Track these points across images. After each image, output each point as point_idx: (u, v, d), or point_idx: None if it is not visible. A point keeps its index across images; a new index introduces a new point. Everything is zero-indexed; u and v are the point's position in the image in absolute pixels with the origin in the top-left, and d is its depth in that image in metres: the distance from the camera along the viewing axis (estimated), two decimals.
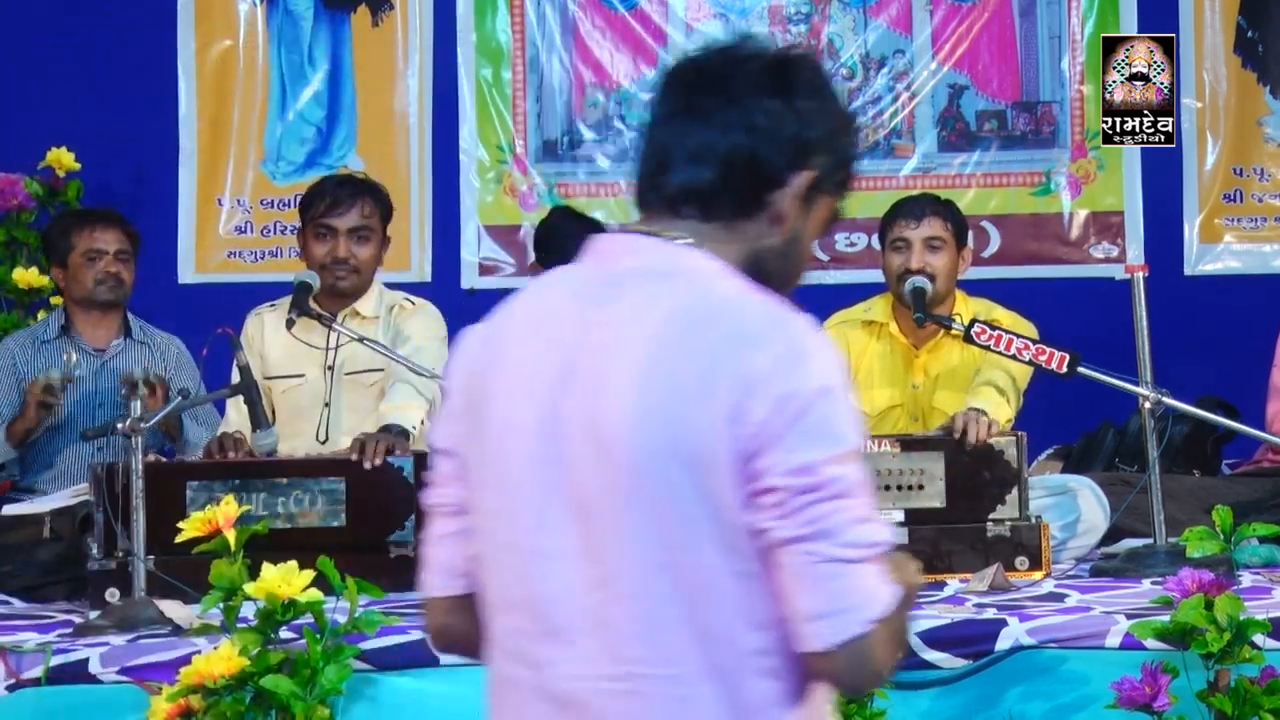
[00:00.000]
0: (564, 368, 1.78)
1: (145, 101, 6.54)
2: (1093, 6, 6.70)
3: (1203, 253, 6.72)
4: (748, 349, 1.68)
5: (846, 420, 1.69)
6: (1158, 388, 4.23)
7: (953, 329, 4.57)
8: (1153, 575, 4.03)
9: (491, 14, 6.69)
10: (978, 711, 3.51)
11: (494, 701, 1.96)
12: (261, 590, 3.23)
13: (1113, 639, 3.54)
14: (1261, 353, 5.00)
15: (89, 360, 5.32)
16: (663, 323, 1.73)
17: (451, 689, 3.48)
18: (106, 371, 5.29)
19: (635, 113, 6.70)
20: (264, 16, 6.67)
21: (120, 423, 3.90)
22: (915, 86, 6.74)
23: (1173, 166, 6.69)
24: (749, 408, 1.65)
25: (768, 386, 1.65)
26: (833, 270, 6.58)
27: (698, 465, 1.67)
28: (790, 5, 6.75)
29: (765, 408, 1.65)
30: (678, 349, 1.71)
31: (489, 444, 1.83)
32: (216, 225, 6.62)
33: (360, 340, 4.68)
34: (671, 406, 1.69)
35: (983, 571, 4.09)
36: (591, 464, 1.73)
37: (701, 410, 1.67)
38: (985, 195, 6.63)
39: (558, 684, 1.79)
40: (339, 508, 4.19)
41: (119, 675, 3.47)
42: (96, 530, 4.09)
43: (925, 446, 4.30)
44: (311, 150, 6.66)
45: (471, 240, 6.67)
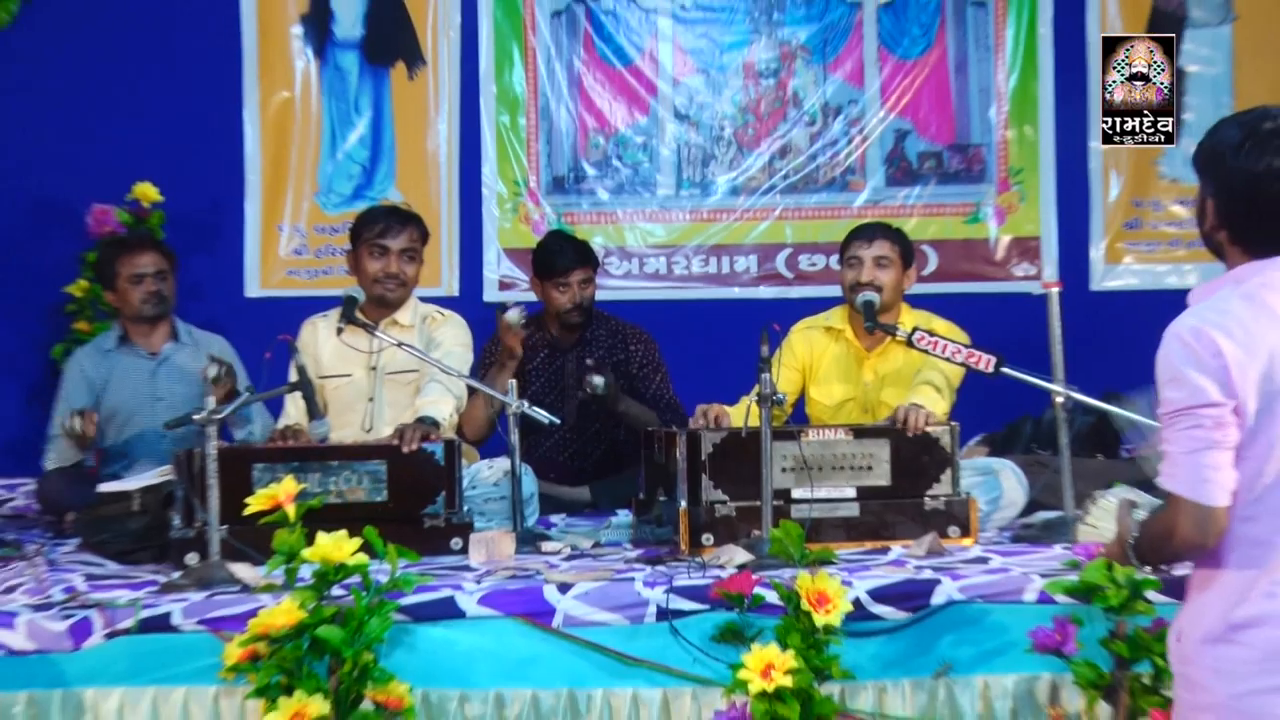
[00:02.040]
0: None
1: (217, 143, 6.51)
2: (1015, 65, 6.70)
3: (1106, 272, 6.72)
4: None
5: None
6: (1068, 385, 4.25)
7: (897, 336, 4.57)
8: (1063, 542, 4.07)
9: (509, 69, 6.68)
10: (916, 655, 3.51)
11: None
12: (316, 555, 3.24)
13: (1029, 595, 3.55)
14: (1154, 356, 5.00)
15: (145, 365, 5.33)
16: None
17: (474, 638, 3.50)
18: (161, 371, 5.31)
19: (630, 153, 6.72)
20: (317, 72, 6.65)
21: (196, 415, 3.90)
22: (866, 131, 6.72)
23: (1081, 199, 6.69)
24: None
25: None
26: (796, 286, 6.62)
27: None
28: (761, 62, 6.73)
29: None
30: None
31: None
32: (277, 248, 6.60)
33: (399, 345, 4.69)
34: None
35: (921, 539, 4.10)
36: None
37: None
38: (925, 223, 6.61)
39: None
40: (381, 485, 4.22)
41: (197, 625, 3.48)
42: (178, 504, 4.13)
43: (874, 434, 4.30)
44: (357, 185, 6.65)
45: (492, 261, 6.66)
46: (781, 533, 3.70)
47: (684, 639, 3.49)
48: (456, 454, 4.33)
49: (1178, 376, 2.41)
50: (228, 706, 3.43)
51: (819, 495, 4.18)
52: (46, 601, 3.67)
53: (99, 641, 3.47)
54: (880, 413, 4.82)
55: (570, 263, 5.35)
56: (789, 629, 3.30)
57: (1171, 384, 2.42)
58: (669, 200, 6.74)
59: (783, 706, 3.21)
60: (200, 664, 3.42)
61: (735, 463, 4.15)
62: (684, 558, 4.01)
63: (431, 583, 3.61)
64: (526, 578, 3.78)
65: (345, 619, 3.25)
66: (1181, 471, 2.39)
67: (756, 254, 6.72)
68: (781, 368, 4.93)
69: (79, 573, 4.09)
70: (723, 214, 6.73)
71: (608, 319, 5.54)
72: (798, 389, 5.06)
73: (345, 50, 6.68)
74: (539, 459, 5.06)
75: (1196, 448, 2.37)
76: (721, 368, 4.48)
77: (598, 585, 3.62)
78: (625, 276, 6.66)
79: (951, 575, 3.65)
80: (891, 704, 3.48)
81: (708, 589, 3.53)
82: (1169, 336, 2.44)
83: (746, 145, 6.74)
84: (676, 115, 6.75)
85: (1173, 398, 2.42)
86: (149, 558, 4.20)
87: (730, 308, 6.58)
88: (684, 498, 4.17)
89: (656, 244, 6.73)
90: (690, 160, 6.76)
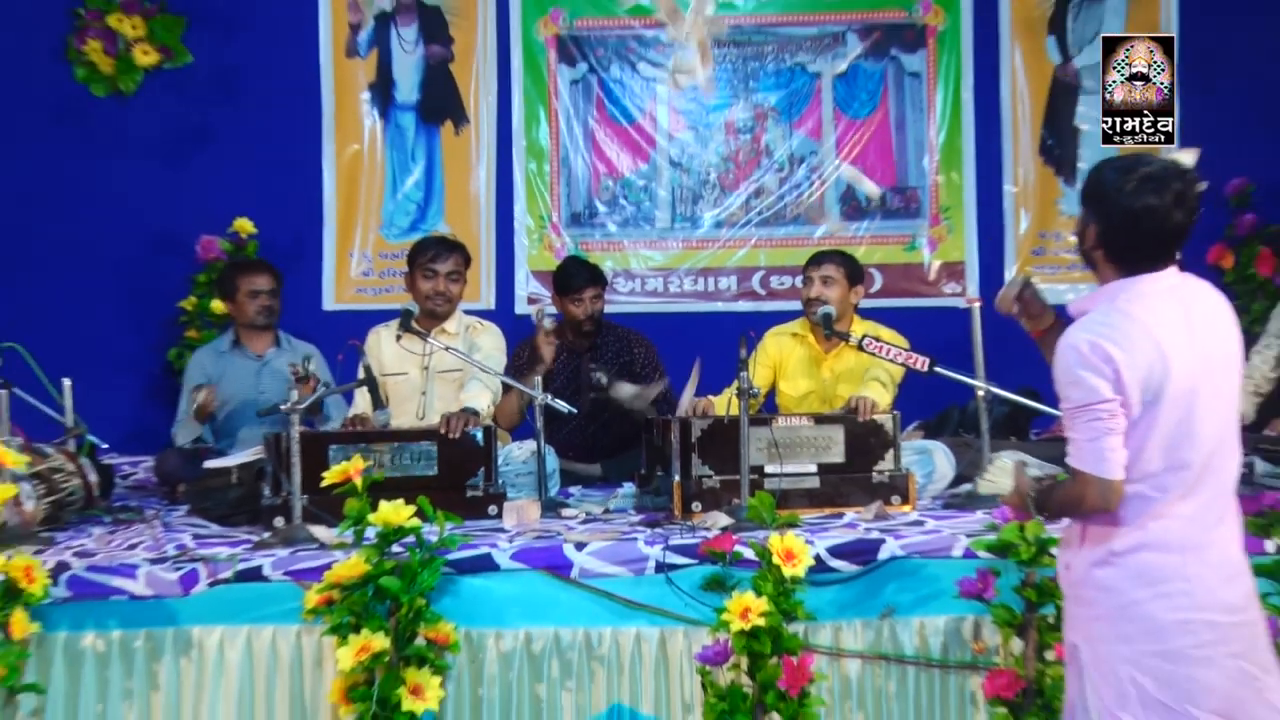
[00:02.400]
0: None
1: (301, 185, 6.51)
2: (943, 123, 6.67)
3: None
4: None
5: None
6: (988, 382, 4.25)
7: (850, 341, 4.58)
8: (984, 508, 4.08)
9: (536, 126, 6.66)
10: (865, 601, 3.52)
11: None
12: (379, 519, 3.26)
13: (957, 551, 3.56)
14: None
15: (252, 364, 5.32)
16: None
17: (507, 587, 3.50)
18: (265, 371, 5.29)
19: (634, 194, 6.72)
20: (381, 129, 6.64)
21: (283, 405, 3.92)
22: (824, 176, 6.69)
23: (997, 231, 6.67)
24: None
25: None
26: (768, 301, 6.61)
27: None
28: (739, 121, 6.71)
29: None
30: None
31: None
32: (349, 270, 6.58)
33: (446, 349, 4.71)
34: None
35: (870, 506, 4.11)
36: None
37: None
38: (871, 250, 6.58)
39: None
40: (432, 463, 4.22)
41: (283, 576, 3.49)
42: (269, 478, 4.14)
43: (831, 421, 4.30)
44: (413, 219, 6.63)
45: (522, 280, 6.65)
46: (756, 501, 3.72)
47: (677, 588, 3.50)
48: (493, 437, 4.34)
49: (1077, 380, 2.48)
50: (308, 642, 3.45)
51: (787, 471, 4.18)
52: (162, 556, 3.68)
53: (204, 589, 3.49)
54: (836, 403, 4.81)
55: (585, 282, 5.36)
56: (763, 579, 3.31)
57: (1072, 385, 2.49)
58: (665, 232, 6.75)
59: (757, 643, 3.22)
60: (285, 607, 3.44)
61: (719, 444, 4.15)
62: (677, 521, 4.01)
63: (472, 541, 3.63)
64: (549, 538, 3.78)
65: (402, 571, 3.27)
66: (1086, 454, 2.49)
67: (736, 275, 6.72)
68: (756, 366, 4.96)
69: (188, 533, 4.11)
70: (709, 243, 6.73)
71: (615, 328, 5.54)
72: (769, 384, 5.06)
73: (404, 112, 6.67)
74: (559, 441, 5.06)
75: (1096, 435, 2.47)
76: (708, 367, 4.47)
77: (607, 544, 3.63)
78: (629, 294, 6.67)
79: (894, 535, 3.66)
80: (845, 640, 3.50)
81: (697, 547, 3.55)
82: (1066, 347, 2.50)
83: (728, 187, 6.74)
84: (671, 163, 6.74)
85: (1074, 396, 2.50)
86: (244, 521, 4.21)
87: (714, 319, 6.57)
88: (677, 473, 4.17)
89: (655, 267, 6.73)
90: (682, 199, 6.76)
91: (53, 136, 6.40)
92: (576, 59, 6.69)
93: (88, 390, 4.64)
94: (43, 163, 6.37)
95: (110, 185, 6.40)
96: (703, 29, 3.87)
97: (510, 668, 3.44)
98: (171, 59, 6.48)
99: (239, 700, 3.42)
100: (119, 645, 3.42)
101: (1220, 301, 2.63)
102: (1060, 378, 2.53)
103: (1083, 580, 2.57)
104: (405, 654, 3.25)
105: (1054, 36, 6.71)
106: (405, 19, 6.66)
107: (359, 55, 6.64)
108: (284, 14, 6.54)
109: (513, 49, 6.66)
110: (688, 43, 3.72)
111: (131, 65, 6.44)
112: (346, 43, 6.63)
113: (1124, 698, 2.49)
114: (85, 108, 6.43)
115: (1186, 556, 2.48)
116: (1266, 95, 6.22)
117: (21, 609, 3.16)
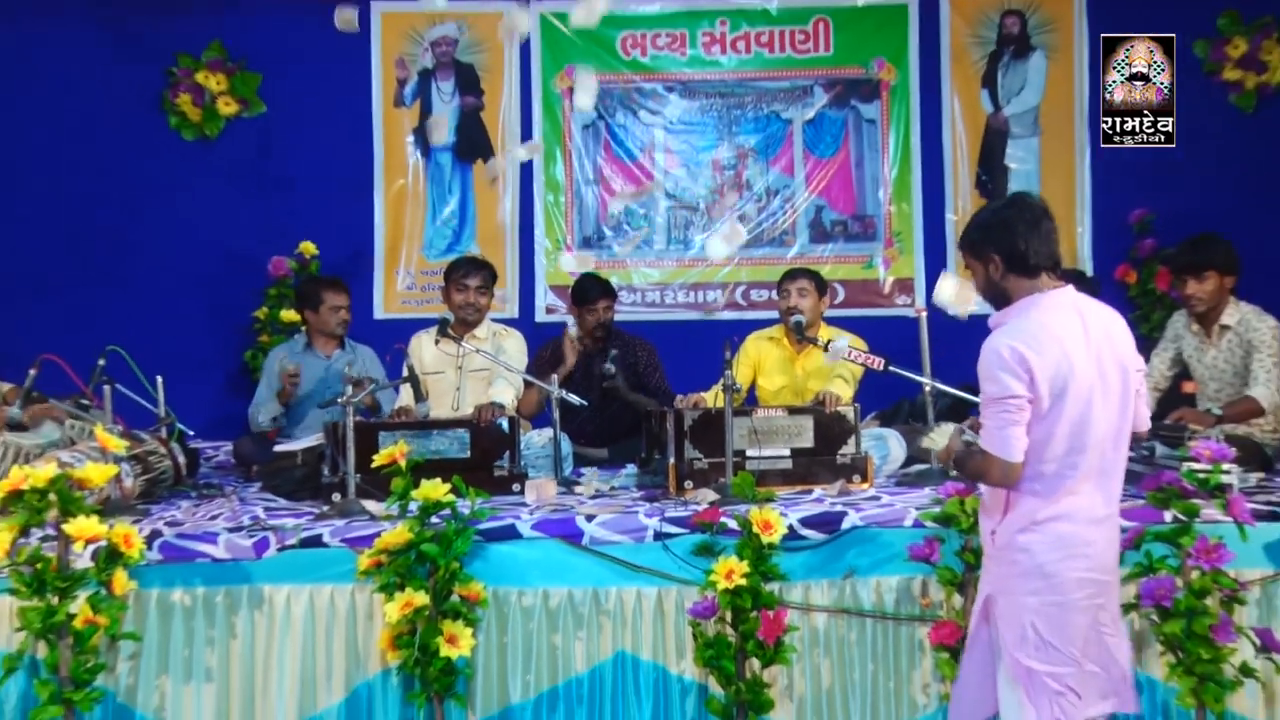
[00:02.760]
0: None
1: (355, 214, 6.49)
2: (895, 162, 6.64)
3: None
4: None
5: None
6: (933, 378, 4.21)
7: (818, 344, 4.55)
8: (930, 485, 4.02)
9: (553, 164, 6.64)
10: (830, 563, 3.48)
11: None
12: (421, 495, 3.23)
13: (908, 521, 3.52)
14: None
15: (321, 363, 5.27)
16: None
17: (528, 552, 3.46)
18: (331, 369, 5.25)
19: (635, 220, 6.70)
20: (423, 166, 6.61)
21: (340, 399, 3.90)
22: (796, 206, 6.67)
23: (941, 253, 6.61)
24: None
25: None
26: (749, 311, 6.57)
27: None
28: (724, 159, 6.68)
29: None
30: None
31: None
32: (396, 285, 6.55)
33: (477, 352, 4.69)
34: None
35: (835, 483, 4.07)
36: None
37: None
38: (835, 268, 6.55)
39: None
40: (465, 447, 4.17)
41: (340, 543, 3.45)
42: (328, 460, 4.10)
43: (802, 412, 4.25)
44: (449, 242, 6.59)
45: (541, 294, 6.61)
46: (739, 480, 3.67)
47: (673, 553, 3.45)
48: (516, 426, 4.29)
49: (995, 377, 2.57)
50: (360, 599, 3.40)
51: (765, 454, 4.13)
52: (238, 525, 3.65)
53: (273, 553, 3.45)
54: (807, 397, 4.76)
55: (597, 294, 5.32)
56: (744, 546, 3.27)
57: (990, 381, 2.58)
58: (662, 253, 6.73)
59: (739, 599, 3.20)
60: (342, 569, 3.40)
61: (707, 432, 4.10)
62: (672, 497, 3.96)
63: (499, 514, 3.59)
64: (564, 511, 3.74)
65: (440, 539, 3.24)
66: (995, 439, 2.58)
67: (722, 289, 6.70)
68: (739, 366, 4.91)
69: (260, 506, 4.06)
70: (698, 262, 6.70)
71: (621, 334, 5.50)
72: (750, 381, 5.01)
73: (442, 152, 6.64)
74: (573, 429, 5.01)
75: (1004, 425, 2.57)
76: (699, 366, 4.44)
77: (613, 516, 3.58)
78: (632, 305, 6.64)
79: (855, 508, 3.63)
80: (814, 597, 3.46)
81: (689, 519, 3.50)
82: (989, 350, 2.59)
83: (714, 215, 6.73)
84: (667, 195, 6.73)
85: (991, 391, 2.59)
86: (308, 496, 4.18)
87: (704, 326, 6.54)
88: (673, 456, 4.12)
89: (653, 282, 6.70)
90: (676, 225, 6.75)
91: (150, 173, 6.42)
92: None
93: (177, 385, 4.61)
94: (141, 195, 6.40)
95: (196, 214, 6.42)
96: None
97: (531, 620, 3.40)
98: (248, 109, 6.51)
99: (303, 647, 3.39)
100: (202, 600, 3.39)
101: (1111, 315, 2.69)
102: (982, 374, 2.58)
103: (1008, 544, 2.62)
104: (442, 609, 3.22)
105: (986, 90, 6.72)
106: (444, 75, 6.66)
107: (405, 105, 6.64)
108: (342, 71, 6.55)
109: (534, 99, 6.66)
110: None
111: (215, 114, 6.48)
112: (394, 95, 6.64)
113: (1023, 640, 2.59)
114: (177, 149, 6.47)
115: (1091, 527, 2.59)
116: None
117: (121, 569, 3.13)
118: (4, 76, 6.33)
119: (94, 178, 6.36)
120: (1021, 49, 6.67)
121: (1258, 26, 6.44)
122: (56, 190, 6.35)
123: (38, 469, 3.05)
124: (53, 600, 3.02)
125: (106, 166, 6.36)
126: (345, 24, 4.35)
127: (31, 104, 6.34)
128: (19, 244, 6.28)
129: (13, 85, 6.33)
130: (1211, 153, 6.29)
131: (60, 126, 6.35)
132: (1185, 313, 4.48)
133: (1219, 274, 4.25)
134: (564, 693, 3.38)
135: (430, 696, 3.21)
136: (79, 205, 6.35)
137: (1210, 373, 4.40)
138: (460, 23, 6.65)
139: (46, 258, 6.29)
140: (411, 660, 3.17)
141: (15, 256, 6.25)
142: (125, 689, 3.33)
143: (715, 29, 6.69)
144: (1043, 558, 2.56)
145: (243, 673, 3.37)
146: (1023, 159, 6.71)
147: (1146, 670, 3.30)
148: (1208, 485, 3.16)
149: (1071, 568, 2.56)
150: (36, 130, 6.35)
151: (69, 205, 6.35)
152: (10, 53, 6.34)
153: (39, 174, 6.36)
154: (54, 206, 6.34)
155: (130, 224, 6.37)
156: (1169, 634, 3.10)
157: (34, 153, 6.35)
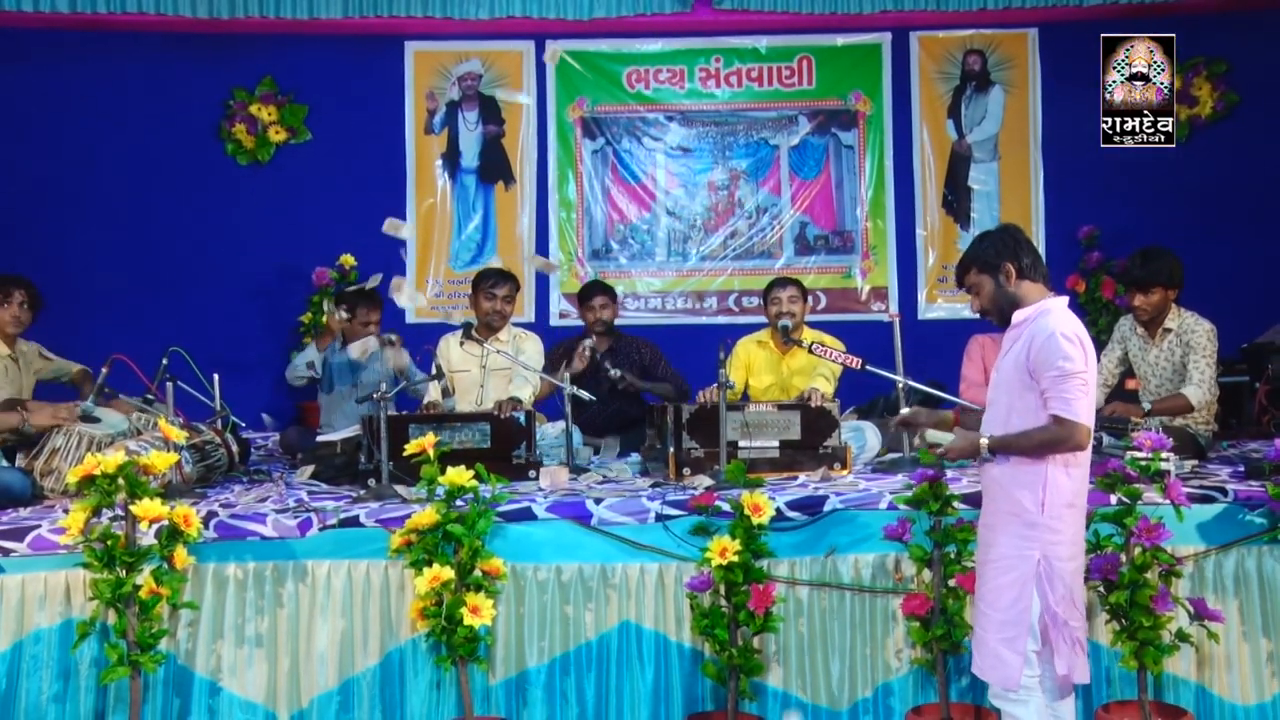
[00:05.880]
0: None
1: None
2: (871, 183, 6.66)
3: (927, 308, 6.64)
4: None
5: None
6: (906, 376, 4.18)
7: (802, 346, 4.54)
8: (903, 471, 4.02)
9: (566, 185, 6.65)
10: (814, 542, 3.46)
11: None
12: (447, 480, 3.20)
13: (883, 504, 3.50)
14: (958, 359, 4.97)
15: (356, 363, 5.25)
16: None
17: (543, 532, 3.44)
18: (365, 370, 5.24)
19: (639, 236, 6.71)
20: (450, 186, 6.63)
21: (375, 394, 3.88)
22: (782, 222, 6.68)
23: (912, 264, 6.64)
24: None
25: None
26: (741, 316, 6.58)
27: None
28: (719, 181, 6.70)
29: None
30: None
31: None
32: (426, 292, 6.57)
33: (499, 353, 4.65)
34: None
35: (818, 470, 4.06)
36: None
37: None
38: (818, 278, 6.56)
39: None
40: (487, 437, 4.14)
41: (375, 523, 3.44)
42: (364, 448, 4.08)
43: (789, 407, 4.21)
44: (473, 254, 6.61)
45: (555, 300, 6.63)
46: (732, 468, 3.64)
47: (672, 533, 3.43)
48: (533, 419, 4.27)
49: (1069, 355, 2.64)
50: (393, 574, 3.39)
51: (755, 445, 4.11)
52: (285, 507, 3.63)
53: (316, 532, 3.44)
54: (793, 393, 4.74)
55: (595, 293, 5.32)
56: (736, 526, 3.25)
57: (1065, 360, 2.64)
58: (663, 264, 6.73)
59: (732, 574, 3.17)
60: (376, 547, 3.38)
61: (704, 425, 4.08)
62: (672, 482, 3.94)
63: (516, 498, 3.57)
64: (575, 495, 3.72)
65: (464, 520, 3.21)
66: (1075, 407, 2.64)
67: (716, 297, 6.69)
68: (732, 366, 4.89)
69: (304, 490, 4.05)
70: (695, 273, 6.71)
71: (626, 336, 5.48)
72: (742, 379, 4.99)
73: (467, 174, 6.67)
74: (583, 421, 5.00)
75: (1080, 396, 2.66)
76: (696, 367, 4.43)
77: (619, 499, 3.57)
78: (636, 310, 6.66)
79: (836, 493, 3.60)
80: (799, 572, 3.44)
81: (687, 502, 3.48)
82: (1058, 335, 2.66)
83: (710, 231, 6.73)
84: (667, 213, 6.74)
85: (1065, 367, 2.64)
86: (346, 481, 4.16)
87: (701, 330, 6.54)
88: (672, 446, 4.11)
89: (655, 291, 6.71)
90: (675, 240, 6.75)
91: (209, 193, 6.45)
92: (596, 135, 6.71)
93: (231, 382, 4.61)
94: (200, 213, 6.43)
95: (249, 230, 6.44)
96: None
97: (545, 593, 3.39)
98: (296, 136, 6.54)
99: (342, 616, 3.37)
100: (253, 574, 3.38)
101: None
102: (1051, 355, 2.64)
103: (1055, 515, 2.70)
104: (466, 582, 3.20)
105: (951, 120, 6.73)
106: (469, 105, 6.68)
107: (434, 132, 6.66)
108: (379, 103, 6.59)
109: (549, 127, 6.68)
110: None
111: (267, 141, 6.50)
112: (425, 124, 6.66)
113: (1064, 600, 2.70)
114: (232, 173, 6.50)
115: (1084, 498, 2.78)
116: (1107, 165, 6.17)
117: (181, 546, 3.12)
118: (81, 111, 6.36)
119: (159, 199, 6.40)
120: (982, 84, 6.68)
121: (1189, 66, 6.47)
122: (126, 210, 6.39)
123: (108, 456, 3.05)
124: (121, 573, 3.02)
125: (170, 188, 6.40)
126: (393, 229, 4.76)
127: (105, 134, 6.37)
128: (93, 258, 6.32)
129: (89, 118, 6.36)
130: (1149, 177, 6.32)
131: (129, 154, 6.39)
132: (1131, 316, 4.46)
133: (1164, 289, 4.25)
134: (575, 658, 3.37)
135: (455, 660, 3.20)
136: (146, 223, 6.39)
137: (1152, 370, 4.38)
138: (483, 60, 6.66)
139: (117, 270, 6.32)
140: (439, 628, 3.15)
141: (89, 269, 6.28)
142: (185, 652, 3.33)
143: (711, 65, 6.70)
144: (1075, 526, 2.72)
145: (289, 638, 3.36)
146: (984, 181, 6.72)
147: (1094, 637, 3.29)
148: (1148, 471, 3.15)
149: (1081, 536, 2.75)
150: (109, 158, 6.39)
151: (137, 224, 6.39)
152: (87, 89, 6.37)
153: (111, 197, 6.39)
154: (124, 225, 6.38)
155: (191, 239, 6.41)
156: (1114, 604, 3.09)
157: (106, 178, 6.39)
